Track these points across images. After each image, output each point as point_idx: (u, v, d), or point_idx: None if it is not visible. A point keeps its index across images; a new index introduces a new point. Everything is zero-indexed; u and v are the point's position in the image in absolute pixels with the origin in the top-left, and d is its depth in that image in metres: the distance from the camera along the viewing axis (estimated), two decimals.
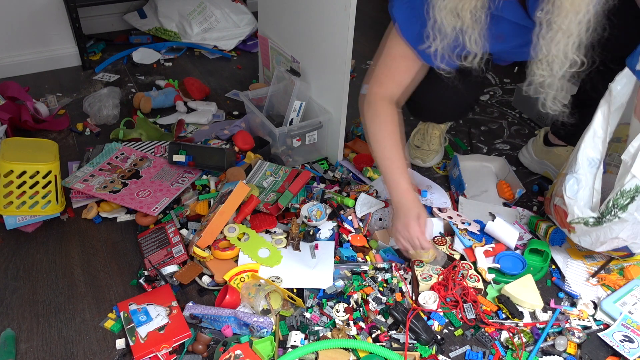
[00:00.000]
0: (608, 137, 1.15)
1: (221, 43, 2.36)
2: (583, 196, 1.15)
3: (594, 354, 1.05)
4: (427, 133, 1.62)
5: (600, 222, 1.11)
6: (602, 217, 1.10)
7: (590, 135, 1.16)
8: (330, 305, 1.14)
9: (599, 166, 1.15)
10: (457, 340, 1.10)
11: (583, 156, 1.15)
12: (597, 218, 1.11)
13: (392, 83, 1.25)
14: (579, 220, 1.14)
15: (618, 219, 1.09)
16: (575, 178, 1.16)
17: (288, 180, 1.44)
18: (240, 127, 1.75)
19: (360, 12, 1.37)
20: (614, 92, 1.14)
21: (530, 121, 1.91)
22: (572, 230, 1.18)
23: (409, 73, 1.23)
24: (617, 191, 1.08)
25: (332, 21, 1.38)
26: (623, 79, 1.14)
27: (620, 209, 1.08)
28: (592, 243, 1.16)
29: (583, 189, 1.15)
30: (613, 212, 1.09)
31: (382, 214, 1.34)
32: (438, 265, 1.22)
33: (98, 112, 1.81)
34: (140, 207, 1.38)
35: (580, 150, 1.16)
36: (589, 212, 1.13)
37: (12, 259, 1.29)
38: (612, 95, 1.14)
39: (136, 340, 1.06)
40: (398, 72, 1.23)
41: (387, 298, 1.15)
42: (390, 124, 1.25)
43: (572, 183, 1.16)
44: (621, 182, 1.08)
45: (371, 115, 1.26)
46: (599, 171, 1.15)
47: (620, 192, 1.07)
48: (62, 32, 2.16)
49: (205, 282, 1.22)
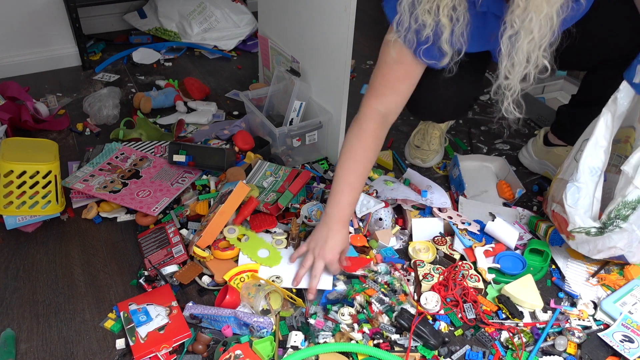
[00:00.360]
0: (610, 146, 1.15)
1: (221, 43, 2.36)
2: (583, 204, 1.15)
3: (594, 354, 1.05)
4: (427, 133, 1.62)
5: (602, 232, 1.12)
6: (604, 227, 1.11)
7: (593, 144, 1.15)
8: (334, 310, 1.12)
9: (600, 175, 1.15)
10: (457, 340, 1.10)
11: (584, 165, 1.15)
12: (599, 228, 1.12)
13: (392, 93, 1.20)
14: (581, 230, 1.14)
15: (619, 229, 1.09)
16: (576, 186, 1.15)
17: (288, 180, 1.44)
18: (240, 127, 1.75)
19: (360, 12, 1.37)
20: (618, 101, 1.14)
21: (530, 121, 1.91)
22: (571, 238, 1.19)
23: (409, 80, 1.19)
24: (618, 202, 1.08)
25: (332, 21, 1.38)
26: (626, 87, 1.14)
27: (622, 220, 1.08)
28: (590, 251, 1.17)
29: (584, 197, 1.14)
30: (615, 223, 1.09)
31: (382, 214, 1.34)
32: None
33: (98, 112, 1.81)
34: (140, 207, 1.38)
35: (582, 159, 1.15)
36: (590, 222, 1.13)
37: (12, 259, 1.29)
38: (616, 104, 1.14)
39: (136, 340, 1.06)
40: (397, 80, 1.18)
41: (390, 298, 1.15)
42: (369, 152, 1.20)
43: (573, 191, 1.16)
44: (623, 192, 1.08)
45: (357, 131, 1.21)
46: (600, 180, 1.15)
47: (622, 202, 1.08)
48: (62, 32, 2.16)
49: (205, 282, 1.22)
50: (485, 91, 2.10)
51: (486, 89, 2.12)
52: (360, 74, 2.21)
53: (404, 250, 1.32)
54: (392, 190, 1.41)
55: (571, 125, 1.49)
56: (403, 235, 1.35)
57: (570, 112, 1.51)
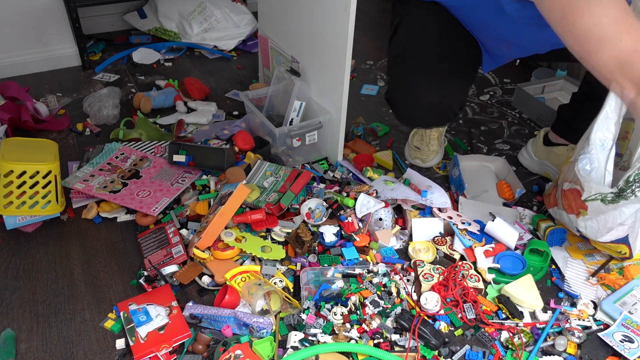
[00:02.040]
0: (620, 120, 1.16)
1: (221, 43, 2.36)
2: (595, 176, 1.15)
3: (594, 354, 1.05)
4: (425, 134, 1.62)
5: (619, 198, 1.11)
6: (620, 192, 1.10)
7: (603, 117, 1.16)
8: (327, 307, 1.13)
9: (612, 148, 1.15)
10: (457, 340, 1.10)
11: (595, 137, 1.16)
12: (616, 193, 1.11)
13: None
14: (596, 197, 1.14)
15: (635, 197, 1.08)
16: (588, 158, 1.16)
17: (289, 181, 1.44)
18: (240, 127, 1.75)
19: (360, 12, 1.37)
20: None
21: (530, 121, 1.91)
22: (582, 213, 1.18)
23: None
24: (638, 167, 1.08)
25: (332, 21, 1.38)
26: None
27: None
28: (598, 230, 1.16)
29: (596, 170, 1.15)
30: (632, 188, 1.09)
31: (382, 214, 1.34)
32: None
33: (98, 112, 1.81)
34: (140, 207, 1.38)
35: (592, 132, 1.17)
36: (607, 188, 1.13)
37: (12, 259, 1.29)
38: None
39: (136, 340, 1.06)
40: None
41: (385, 301, 1.15)
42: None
43: (585, 162, 1.16)
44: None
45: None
46: (611, 152, 1.15)
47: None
48: (62, 32, 2.16)
49: (205, 282, 1.22)
50: (485, 91, 2.10)
51: (486, 89, 2.12)
52: (360, 74, 2.21)
53: (404, 250, 1.32)
54: (392, 190, 1.41)
55: (573, 121, 1.48)
56: (403, 235, 1.35)
57: (572, 107, 1.50)
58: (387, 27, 1.17)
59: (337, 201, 1.37)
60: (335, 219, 1.35)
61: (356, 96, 2.05)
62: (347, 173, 1.57)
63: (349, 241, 1.31)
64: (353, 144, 1.71)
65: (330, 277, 1.20)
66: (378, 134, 1.80)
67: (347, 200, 1.37)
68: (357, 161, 1.60)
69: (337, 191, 1.46)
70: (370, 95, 2.07)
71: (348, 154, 1.66)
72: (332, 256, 1.27)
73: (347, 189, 1.46)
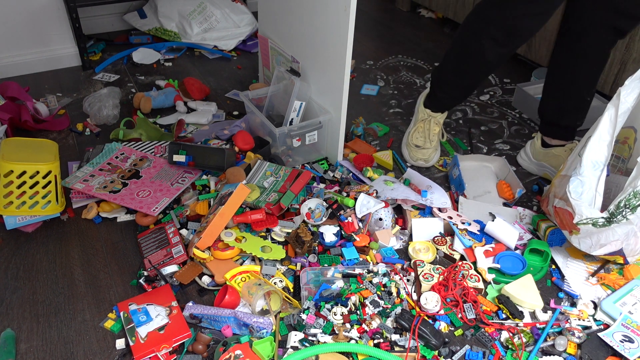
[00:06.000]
0: (613, 141, 1.16)
1: (221, 43, 2.36)
2: (587, 198, 1.15)
3: (594, 354, 1.05)
4: (430, 130, 1.62)
5: (610, 223, 1.11)
6: (611, 217, 1.11)
7: (596, 138, 1.16)
8: (327, 307, 1.13)
9: (603, 169, 1.15)
10: (457, 340, 1.10)
11: (587, 159, 1.16)
12: (606, 218, 1.12)
13: None
14: (588, 221, 1.14)
15: (626, 221, 1.09)
16: (579, 180, 1.16)
17: (289, 181, 1.44)
18: (240, 127, 1.75)
19: (360, 12, 1.37)
20: (622, 96, 1.14)
21: (530, 121, 1.91)
22: (574, 232, 1.18)
23: None
24: (629, 192, 1.08)
25: (332, 21, 1.38)
26: (632, 83, 1.14)
27: (631, 210, 1.08)
28: (592, 246, 1.17)
29: (587, 191, 1.15)
30: (623, 213, 1.09)
31: (382, 214, 1.34)
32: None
33: (98, 112, 1.81)
34: (140, 207, 1.38)
35: (585, 153, 1.16)
36: (597, 213, 1.13)
37: (12, 259, 1.29)
38: (620, 100, 1.14)
39: (136, 340, 1.06)
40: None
41: (385, 301, 1.15)
42: None
43: (576, 184, 1.16)
44: (634, 183, 1.09)
45: None
46: (602, 174, 1.15)
47: (633, 192, 1.08)
48: (62, 32, 2.16)
49: (205, 282, 1.22)
50: (485, 91, 2.10)
51: (486, 89, 2.12)
52: (360, 74, 2.21)
53: (404, 250, 1.32)
54: (392, 190, 1.41)
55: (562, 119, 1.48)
56: (403, 235, 1.35)
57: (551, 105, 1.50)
58: (387, 27, 1.17)
59: (337, 201, 1.37)
60: (335, 219, 1.35)
61: (356, 96, 2.05)
62: (347, 173, 1.57)
63: (349, 241, 1.31)
64: (353, 144, 1.71)
65: (330, 277, 1.20)
66: (378, 134, 1.80)
67: (347, 200, 1.37)
68: (357, 161, 1.60)
69: (337, 191, 1.46)
70: (370, 95, 2.07)
71: (348, 154, 1.66)
72: (332, 256, 1.27)
73: (347, 189, 1.46)
